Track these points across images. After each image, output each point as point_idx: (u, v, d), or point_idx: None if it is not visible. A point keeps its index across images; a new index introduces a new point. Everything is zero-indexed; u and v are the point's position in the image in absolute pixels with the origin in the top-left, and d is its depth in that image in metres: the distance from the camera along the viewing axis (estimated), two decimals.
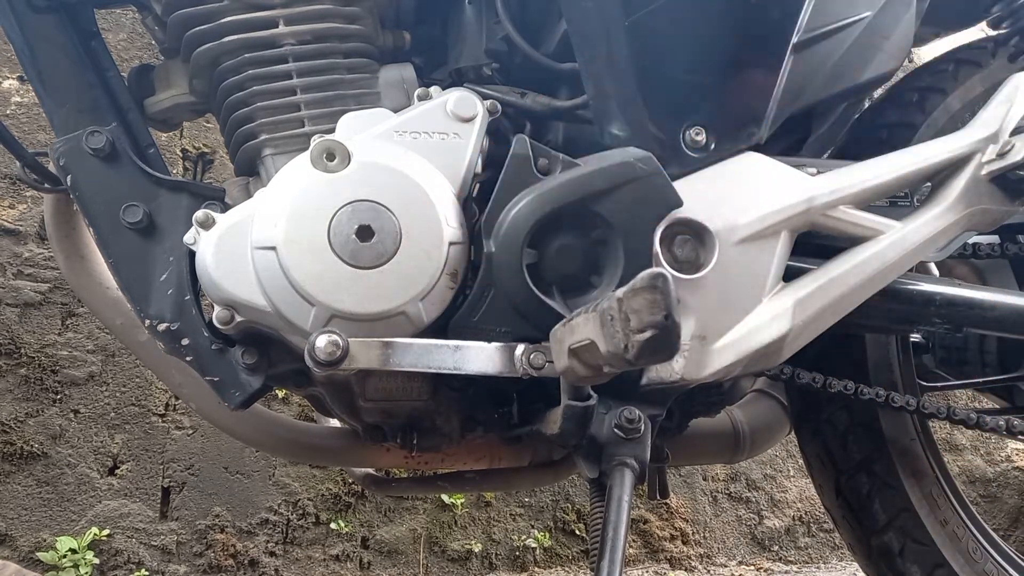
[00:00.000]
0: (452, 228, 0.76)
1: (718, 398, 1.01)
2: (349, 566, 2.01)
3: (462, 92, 0.81)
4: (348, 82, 0.84)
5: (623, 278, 0.76)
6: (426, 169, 0.77)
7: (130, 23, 1.95)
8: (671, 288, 0.54)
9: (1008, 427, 1.04)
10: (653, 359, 0.55)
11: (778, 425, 1.23)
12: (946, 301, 0.96)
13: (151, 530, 1.85)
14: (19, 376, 1.77)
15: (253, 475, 1.95)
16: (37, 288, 1.81)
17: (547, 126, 0.88)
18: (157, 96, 0.89)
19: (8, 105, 1.84)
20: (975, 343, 1.25)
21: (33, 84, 0.83)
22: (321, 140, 0.75)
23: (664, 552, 2.32)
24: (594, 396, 0.74)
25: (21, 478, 1.76)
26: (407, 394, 0.82)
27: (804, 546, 2.49)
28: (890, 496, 1.15)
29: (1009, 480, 2.67)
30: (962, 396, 2.49)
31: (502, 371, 0.72)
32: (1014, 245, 1.12)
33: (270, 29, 0.81)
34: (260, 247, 0.74)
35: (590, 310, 0.60)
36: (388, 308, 0.74)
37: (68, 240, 0.99)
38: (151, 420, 1.88)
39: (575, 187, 0.77)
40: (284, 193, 0.74)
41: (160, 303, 0.79)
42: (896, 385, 1.16)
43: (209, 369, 0.79)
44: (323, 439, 1.05)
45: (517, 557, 2.17)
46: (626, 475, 0.76)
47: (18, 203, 1.82)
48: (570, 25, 0.81)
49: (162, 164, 0.86)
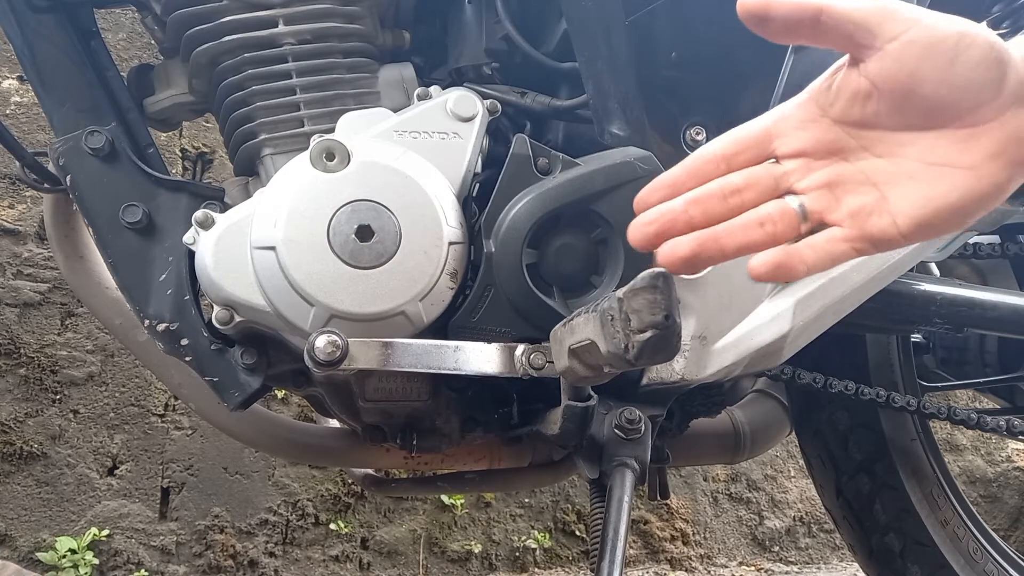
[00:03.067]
0: (452, 228, 0.76)
1: (719, 398, 1.01)
2: (349, 567, 2.01)
3: (462, 91, 0.81)
4: (348, 82, 0.84)
5: (623, 278, 0.76)
6: (426, 169, 0.77)
7: (130, 23, 1.94)
8: (672, 288, 0.54)
9: (1008, 427, 1.04)
10: (654, 359, 0.55)
11: (779, 425, 1.23)
12: (947, 301, 0.96)
13: (150, 530, 1.85)
14: (18, 376, 1.77)
15: (252, 475, 1.95)
16: (36, 288, 1.81)
17: (547, 126, 0.88)
18: (157, 96, 0.89)
19: (8, 105, 1.84)
20: (975, 343, 1.25)
21: (33, 84, 0.83)
22: (321, 140, 0.75)
23: (664, 553, 2.32)
24: (594, 396, 0.74)
25: (21, 478, 1.76)
26: (407, 394, 0.82)
27: (805, 547, 2.49)
28: (891, 496, 1.15)
29: (1010, 480, 2.67)
30: (963, 396, 2.49)
31: (502, 371, 0.72)
32: (1014, 245, 1.12)
33: (269, 29, 0.81)
34: (259, 247, 0.73)
35: (590, 310, 0.60)
36: (388, 308, 0.73)
37: (67, 240, 0.99)
38: (150, 420, 1.88)
39: (575, 187, 0.77)
40: (283, 193, 0.74)
41: (159, 303, 0.79)
42: (897, 385, 1.16)
43: (208, 369, 0.79)
44: (322, 439, 1.05)
45: (517, 558, 2.16)
46: (626, 476, 0.76)
47: (17, 203, 1.82)
48: (570, 24, 0.81)
49: (161, 164, 0.85)
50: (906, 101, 0.50)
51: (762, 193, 0.52)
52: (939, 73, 0.48)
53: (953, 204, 0.49)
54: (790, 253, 0.50)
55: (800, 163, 0.52)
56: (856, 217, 0.50)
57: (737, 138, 0.54)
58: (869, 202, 0.50)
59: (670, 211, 0.52)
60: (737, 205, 0.52)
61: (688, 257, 0.50)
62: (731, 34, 0.82)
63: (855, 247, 0.50)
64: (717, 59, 0.83)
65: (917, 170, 0.50)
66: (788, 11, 0.50)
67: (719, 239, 0.51)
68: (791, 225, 0.51)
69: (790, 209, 0.51)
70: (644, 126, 0.81)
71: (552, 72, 0.86)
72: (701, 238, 0.51)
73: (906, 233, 0.50)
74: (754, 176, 0.53)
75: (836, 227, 0.51)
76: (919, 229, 0.50)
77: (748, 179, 0.53)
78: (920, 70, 0.49)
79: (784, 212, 0.51)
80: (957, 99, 0.49)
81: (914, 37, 0.49)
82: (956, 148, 0.49)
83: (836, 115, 0.52)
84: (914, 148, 0.50)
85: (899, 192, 0.50)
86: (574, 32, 0.81)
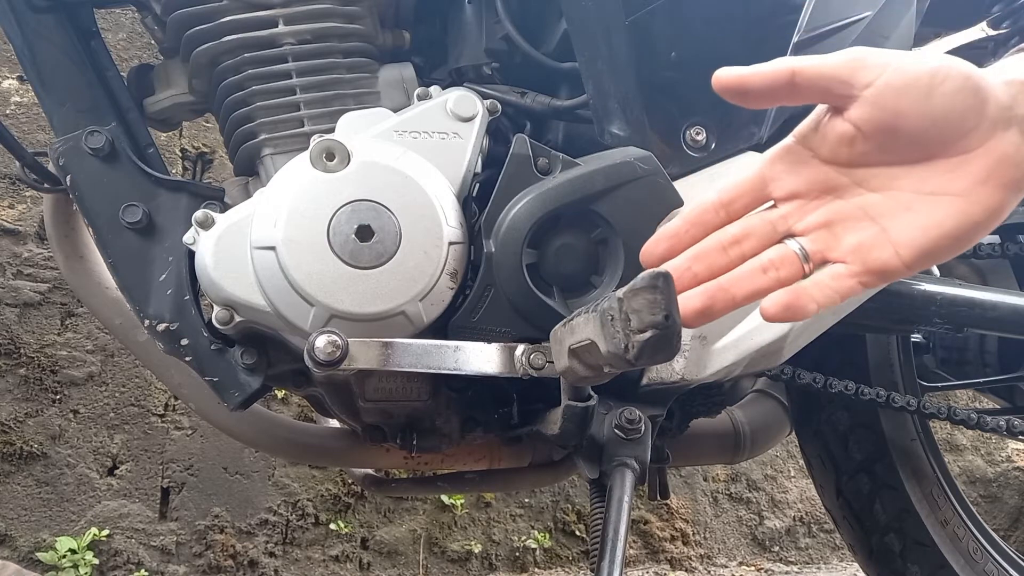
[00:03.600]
0: (452, 228, 0.76)
1: (719, 398, 1.01)
2: (349, 567, 2.01)
3: (462, 91, 0.81)
4: (348, 82, 0.84)
5: (623, 278, 0.76)
6: (426, 169, 0.77)
7: (130, 23, 1.94)
8: (672, 288, 0.54)
9: (1008, 427, 1.04)
10: (654, 359, 0.55)
11: (779, 425, 1.23)
12: (947, 301, 0.96)
13: (150, 530, 1.85)
14: (18, 376, 1.77)
15: (252, 475, 1.95)
16: (36, 288, 1.81)
17: (547, 126, 0.88)
18: (156, 96, 0.89)
19: (8, 105, 1.84)
20: (975, 343, 1.25)
21: (33, 84, 0.83)
22: (321, 140, 0.75)
23: (664, 553, 2.32)
24: (594, 396, 0.74)
25: (21, 478, 1.76)
26: (407, 394, 0.82)
27: (805, 547, 2.49)
28: (891, 496, 1.15)
29: (1009, 480, 2.67)
30: (963, 396, 2.49)
31: (502, 371, 0.72)
32: (1014, 245, 1.11)
33: (269, 29, 0.81)
34: (259, 247, 0.73)
35: (590, 310, 0.60)
36: (388, 308, 0.73)
37: (67, 240, 0.99)
38: (150, 420, 1.88)
39: (575, 187, 0.77)
40: (283, 193, 0.74)
41: (159, 303, 0.79)
42: (897, 385, 1.16)
43: (208, 369, 0.79)
44: (322, 439, 1.04)
45: (517, 558, 2.16)
46: (626, 476, 0.76)
47: (18, 203, 1.82)
48: (570, 24, 0.81)
49: (161, 164, 0.85)
50: (892, 139, 0.51)
51: (761, 240, 0.54)
52: (918, 109, 0.50)
53: (950, 231, 0.50)
54: (798, 293, 0.52)
55: (796, 205, 0.54)
56: (858, 252, 0.52)
57: (733, 185, 0.56)
58: (869, 236, 0.52)
59: (674, 269, 0.54)
60: (738, 255, 0.54)
61: (701, 309, 0.52)
62: (730, 34, 0.82)
63: (861, 281, 0.52)
64: (717, 59, 0.83)
65: (912, 201, 0.51)
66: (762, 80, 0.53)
67: (727, 289, 0.53)
68: (794, 268, 0.53)
69: (791, 252, 0.53)
70: (644, 126, 0.81)
71: (552, 72, 0.86)
72: (710, 290, 0.53)
73: (909, 263, 0.51)
74: (750, 224, 0.55)
75: (840, 263, 0.52)
76: (921, 258, 0.51)
77: (745, 228, 0.55)
78: (900, 109, 0.50)
79: (785, 256, 0.53)
80: (940, 131, 0.50)
81: (889, 79, 0.50)
82: (947, 177, 0.51)
83: (825, 157, 0.54)
84: (907, 180, 0.52)
85: (897, 224, 0.51)
86: (574, 32, 0.81)
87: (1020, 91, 0.51)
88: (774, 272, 0.53)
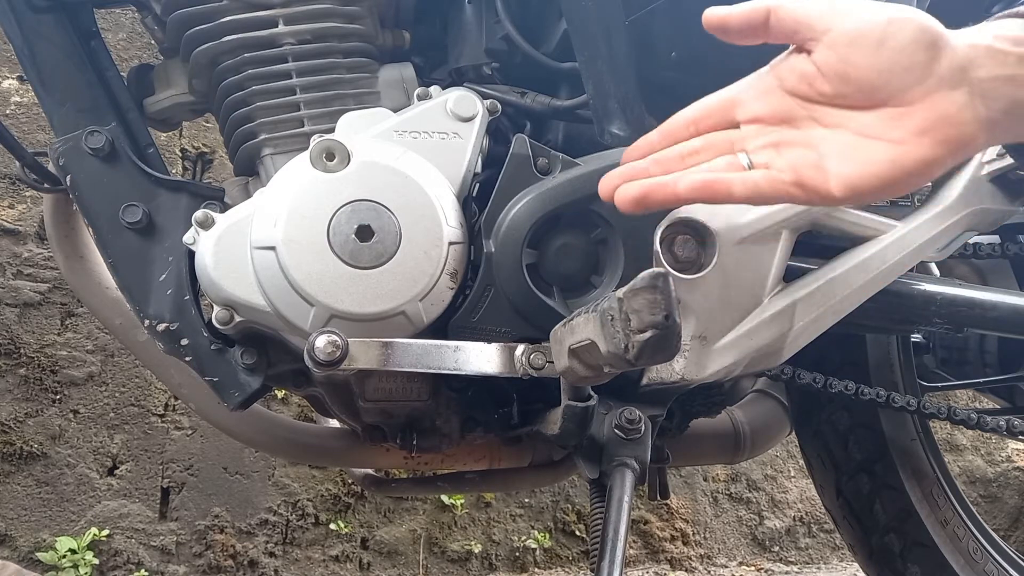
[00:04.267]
0: (452, 228, 0.76)
1: (719, 398, 1.01)
2: (349, 567, 2.01)
3: (462, 91, 0.81)
4: (348, 82, 0.84)
5: (623, 278, 0.76)
6: (426, 169, 0.77)
7: (130, 23, 1.94)
8: (672, 288, 0.54)
9: (1008, 427, 1.04)
10: (654, 359, 0.55)
11: (779, 425, 1.23)
12: (947, 301, 0.96)
13: (150, 530, 1.85)
14: (18, 376, 1.77)
15: (252, 475, 1.95)
16: (36, 288, 1.81)
17: (547, 126, 0.88)
18: (156, 96, 0.89)
19: (8, 105, 1.84)
20: (975, 343, 1.25)
21: (33, 84, 0.83)
22: (321, 140, 0.75)
23: (664, 553, 2.32)
24: (594, 396, 0.74)
25: (21, 478, 1.76)
26: (407, 394, 0.82)
27: (805, 547, 2.49)
28: (891, 497, 1.15)
29: (1009, 480, 2.67)
30: (963, 396, 2.49)
31: (502, 371, 0.72)
32: (1014, 245, 1.11)
33: (269, 29, 0.81)
34: (259, 247, 0.73)
35: (590, 310, 0.60)
36: (388, 308, 0.73)
37: (67, 240, 0.99)
38: (150, 420, 1.88)
39: (575, 187, 0.77)
40: (283, 193, 0.74)
41: (159, 303, 0.79)
42: (897, 385, 1.15)
43: (208, 369, 0.79)
44: (323, 439, 1.05)
45: (517, 558, 2.16)
46: (626, 476, 0.76)
47: (18, 203, 1.82)
48: (570, 24, 0.81)
49: (161, 164, 0.85)
50: (844, 84, 0.55)
51: (717, 153, 0.60)
52: (866, 59, 0.54)
53: (880, 172, 0.54)
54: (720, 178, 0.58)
55: (755, 128, 0.59)
56: (794, 168, 0.56)
57: (705, 105, 0.62)
58: (808, 160, 0.56)
59: (635, 169, 0.61)
60: (693, 164, 0.60)
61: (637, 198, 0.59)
62: None
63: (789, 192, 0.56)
64: (716, 59, 0.83)
65: (854, 141, 0.56)
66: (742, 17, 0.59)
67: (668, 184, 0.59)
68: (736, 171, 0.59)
69: (737, 162, 0.59)
70: (644, 126, 0.81)
71: (552, 72, 0.86)
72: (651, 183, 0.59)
73: (837, 192, 0.55)
74: (711, 139, 0.61)
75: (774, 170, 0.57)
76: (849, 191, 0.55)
77: (706, 142, 0.61)
78: (850, 56, 0.55)
79: (731, 164, 0.59)
80: (885, 81, 0.54)
81: (844, 27, 0.55)
82: (887, 125, 0.55)
83: (789, 89, 0.58)
84: (854, 123, 0.56)
85: (835, 158, 0.55)
86: (574, 32, 0.81)
87: (981, 55, 0.54)
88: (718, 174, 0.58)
